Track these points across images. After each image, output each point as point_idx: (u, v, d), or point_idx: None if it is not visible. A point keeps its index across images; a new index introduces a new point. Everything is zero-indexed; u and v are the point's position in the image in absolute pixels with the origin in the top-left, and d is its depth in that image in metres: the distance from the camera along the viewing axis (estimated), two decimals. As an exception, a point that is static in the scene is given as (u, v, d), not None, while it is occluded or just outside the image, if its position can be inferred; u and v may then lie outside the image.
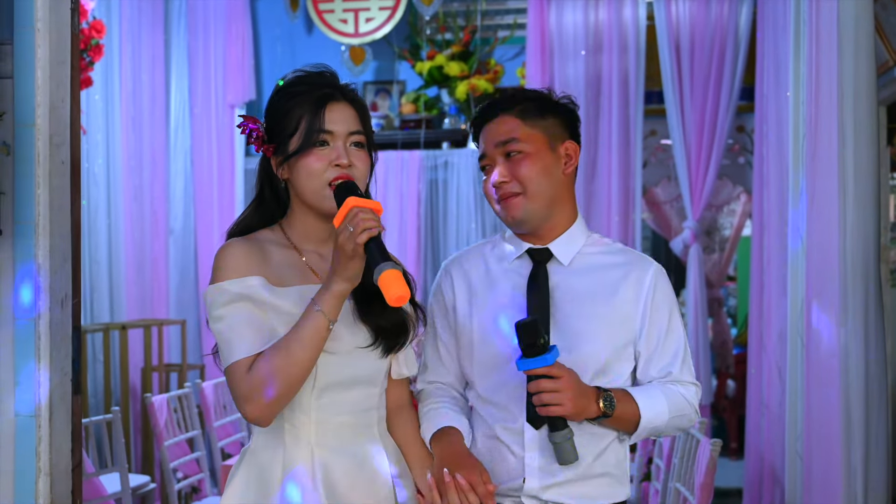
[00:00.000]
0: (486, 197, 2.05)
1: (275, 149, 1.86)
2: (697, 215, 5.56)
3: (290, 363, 1.71)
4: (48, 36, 2.20)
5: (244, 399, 1.73)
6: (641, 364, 2.03)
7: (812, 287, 3.77)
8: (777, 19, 4.49)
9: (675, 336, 2.03)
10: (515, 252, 2.06)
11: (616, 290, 2.01)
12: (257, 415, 1.74)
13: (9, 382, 2.20)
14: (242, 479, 1.86)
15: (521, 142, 1.99)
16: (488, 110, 2.05)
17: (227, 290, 1.76)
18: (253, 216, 1.94)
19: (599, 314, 1.98)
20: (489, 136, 2.02)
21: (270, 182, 1.92)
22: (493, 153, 2.01)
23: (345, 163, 1.81)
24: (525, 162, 1.99)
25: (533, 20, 5.71)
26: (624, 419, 1.94)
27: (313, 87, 1.86)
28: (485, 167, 2.04)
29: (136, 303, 5.73)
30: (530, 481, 1.95)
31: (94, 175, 5.45)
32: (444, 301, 2.10)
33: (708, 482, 3.04)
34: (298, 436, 1.83)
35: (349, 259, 1.69)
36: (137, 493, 4.46)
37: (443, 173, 6.23)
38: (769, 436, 4.55)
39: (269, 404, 1.73)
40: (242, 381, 1.73)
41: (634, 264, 2.04)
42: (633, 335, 2.01)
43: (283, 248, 1.87)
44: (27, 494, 2.20)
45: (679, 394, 2.00)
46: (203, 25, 6.17)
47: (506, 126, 2.01)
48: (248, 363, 1.73)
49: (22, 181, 2.19)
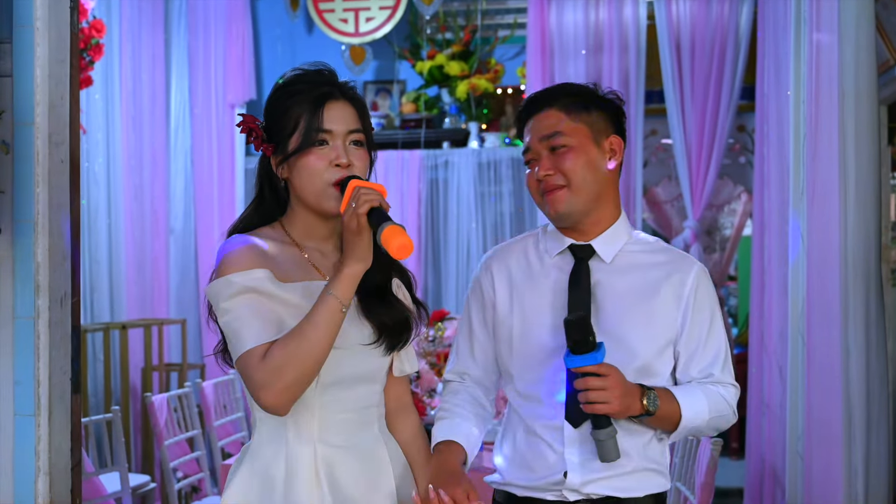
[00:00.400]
0: (530, 190, 2.04)
1: (274, 148, 1.86)
2: (698, 215, 5.55)
3: (305, 349, 1.69)
4: (47, 34, 2.19)
5: (260, 387, 1.70)
6: (682, 364, 2.02)
7: (813, 287, 3.77)
8: (778, 18, 4.48)
9: (716, 337, 2.02)
10: (557, 247, 2.05)
11: (658, 289, 2.00)
12: (274, 402, 1.71)
13: (8, 381, 2.20)
14: (244, 477, 1.85)
15: (565, 135, 1.99)
16: (533, 104, 2.04)
17: (234, 282, 1.75)
18: (253, 215, 1.93)
19: (641, 313, 1.98)
20: (534, 130, 2.02)
21: (270, 181, 1.91)
22: (537, 147, 2.01)
23: (344, 162, 1.81)
24: (569, 155, 1.98)
25: (533, 19, 5.71)
26: (665, 418, 1.94)
27: (312, 85, 1.85)
28: (529, 161, 2.03)
29: (137, 302, 5.72)
30: (572, 476, 1.95)
31: (95, 174, 5.45)
32: (483, 296, 2.10)
33: (709, 482, 3.04)
34: (301, 432, 1.82)
35: (356, 235, 1.69)
36: (137, 493, 4.46)
37: (443, 173, 6.23)
38: (770, 435, 4.55)
39: (286, 391, 1.70)
40: (257, 370, 1.71)
41: (677, 264, 2.03)
42: (674, 335, 2.00)
43: (284, 246, 1.86)
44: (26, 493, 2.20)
45: (719, 394, 2.00)
46: (203, 25, 6.17)
47: (550, 120, 2.00)
48: (262, 351, 1.71)
49: (21, 180, 2.19)
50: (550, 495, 1.99)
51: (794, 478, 3.93)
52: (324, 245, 1.90)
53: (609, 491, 1.96)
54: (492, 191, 6.22)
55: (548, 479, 1.98)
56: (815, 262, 3.76)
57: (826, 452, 3.68)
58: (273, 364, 1.69)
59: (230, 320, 1.75)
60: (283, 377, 1.69)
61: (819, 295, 3.74)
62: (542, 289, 2.03)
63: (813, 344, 3.77)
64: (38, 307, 2.19)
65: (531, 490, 2.00)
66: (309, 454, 1.81)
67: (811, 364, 3.78)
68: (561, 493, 1.97)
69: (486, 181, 6.21)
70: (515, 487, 2.03)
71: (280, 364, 1.69)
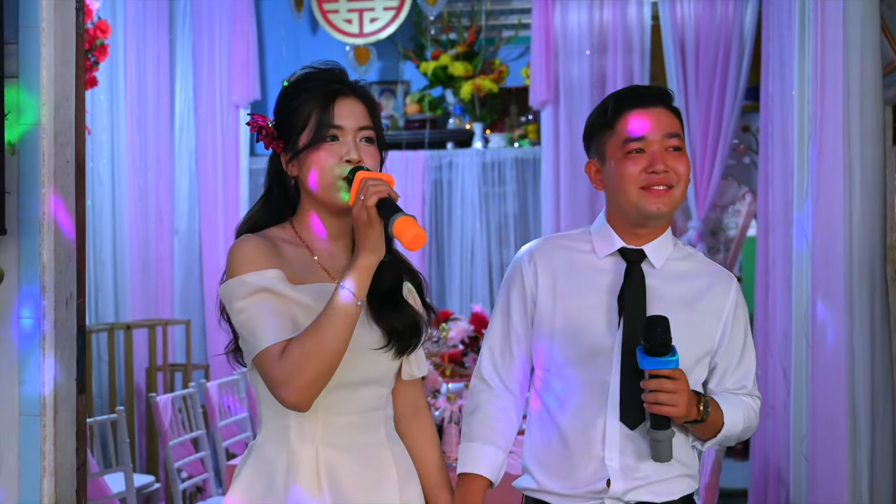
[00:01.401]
0: (626, 179, 1.99)
1: (284, 145, 1.85)
2: (702, 215, 5.55)
3: (323, 345, 1.69)
4: (53, 36, 2.20)
5: (280, 384, 1.71)
6: (717, 376, 2.05)
7: (817, 287, 3.76)
8: (782, 18, 4.48)
9: (750, 352, 2.07)
10: (608, 248, 2.04)
11: (700, 300, 2.03)
12: (294, 399, 1.71)
13: (14, 381, 2.21)
14: (248, 474, 1.86)
15: (681, 139, 2.01)
16: (647, 97, 2.02)
17: (248, 282, 1.75)
18: (262, 214, 1.92)
19: (684, 322, 1.97)
20: (656, 122, 1.99)
21: (280, 179, 1.90)
22: (655, 140, 1.99)
23: (355, 157, 1.81)
24: (683, 160, 2.00)
25: (537, 20, 5.71)
26: (711, 425, 1.97)
27: (322, 82, 1.85)
28: (633, 150, 1.99)
29: (141, 303, 5.73)
30: (615, 484, 1.95)
31: (100, 175, 5.46)
32: (525, 288, 2.07)
33: (713, 482, 3.04)
34: (303, 433, 1.82)
35: (367, 227, 1.68)
36: (142, 493, 4.47)
37: (447, 173, 6.24)
38: (774, 436, 4.54)
39: (307, 387, 1.70)
40: (275, 367, 1.71)
41: (718, 277, 2.07)
42: (712, 347, 2.03)
43: (294, 247, 1.86)
44: (32, 493, 2.21)
45: (751, 406, 2.05)
46: (208, 26, 6.18)
47: (669, 119, 2.01)
48: (280, 349, 1.71)
49: (27, 180, 2.19)
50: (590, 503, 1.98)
51: (798, 478, 3.93)
52: (334, 246, 1.89)
53: (649, 496, 1.97)
54: (496, 191, 6.22)
55: (588, 488, 1.97)
56: (819, 262, 3.75)
57: (830, 453, 3.68)
58: (292, 361, 1.69)
59: (245, 319, 1.75)
60: (303, 373, 1.69)
61: (823, 295, 3.73)
62: (593, 288, 2.02)
63: (817, 344, 3.76)
64: (43, 307, 2.19)
65: (570, 499, 1.99)
66: (310, 455, 1.81)
67: (815, 365, 3.78)
68: (602, 501, 1.97)
69: (491, 182, 6.22)
70: (551, 496, 2.01)
71: (299, 360, 1.69)
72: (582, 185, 5.56)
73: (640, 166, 1.97)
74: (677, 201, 2.00)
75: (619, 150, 2.00)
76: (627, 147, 1.99)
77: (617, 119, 2.01)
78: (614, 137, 2.01)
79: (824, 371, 3.73)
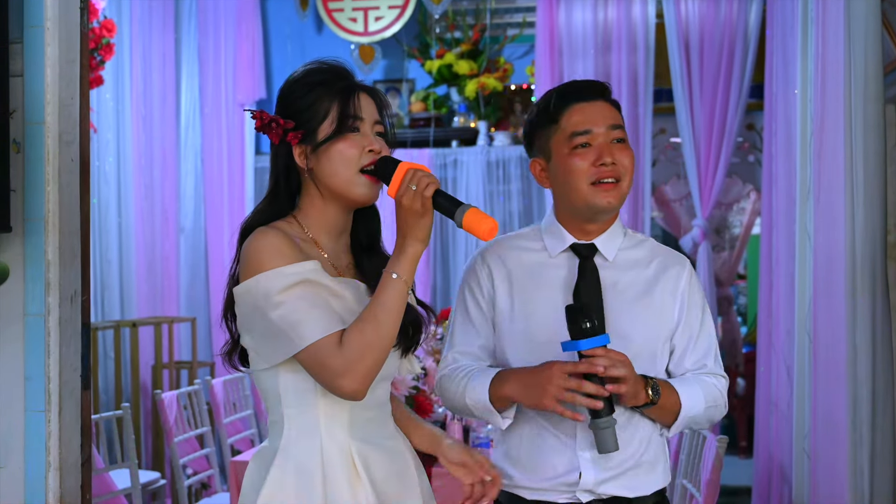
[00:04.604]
0: (576, 175, 1.97)
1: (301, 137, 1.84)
2: (707, 213, 5.55)
3: (382, 334, 1.71)
4: (57, 34, 2.21)
5: (341, 374, 1.71)
6: (676, 357, 2.05)
7: (820, 285, 3.77)
8: (786, 17, 4.48)
9: (707, 330, 2.07)
10: (560, 245, 2.04)
11: (656, 285, 2.03)
12: (356, 388, 1.72)
13: (19, 377, 2.22)
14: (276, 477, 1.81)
15: (623, 131, 2.01)
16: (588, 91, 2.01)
17: (288, 273, 1.73)
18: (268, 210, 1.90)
19: (643, 309, 2.00)
20: (598, 116, 1.98)
21: (287, 174, 1.89)
22: (600, 132, 1.98)
23: (377, 148, 1.82)
24: (628, 152, 1.99)
25: (542, 18, 5.71)
26: (667, 408, 1.96)
27: (338, 76, 1.86)
28: (580, 145, 1.98)
29: (147, 300, 5.75)
30: (586, 475, 1.95)
31: (105, 174, 5.49)
32: (482, 290, 2.07)
33: (714, 479, 3.05)
34: (333, 429, 1.81)
35: (420, 217, 1.70)
36: (147, 490, 4.49)
37: (452, 171, 6.24)
38: (778, 434, 4.55)
39: (368, 375, 1.72)
40: (336, 357, 1.70)
41: (670, 259, 2.07)
42: (671, 329, 2.03)
43: (305, 243, 1.85)
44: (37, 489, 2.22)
45: (712, 384, 2.03)
46: (213, 24, 6.20)
47: (612, 112, 2.01)
48: (336, 339, 1.71)
49: (32, 178, 2.21)
50: (563, 497, 1.99)
51: (801, 476, 3.94)
52: (336, 243, 1.89)
53: (620, 491, 1.97)
54: (500, 189, 6.22)
55: (561, 480, 1.97)
56: (821, 260, 3.76)
57: (832, 451, 3.68)
58: (353, 350, 1.70)
59: (286, 313, 1.72)
60: (364, 362, 1.70)
61: (826, 294, 3.74)
62: (548, 286, 2.02)
63: (819, 343, 3.77)
64: (48, 304, 2.21)
65: (542, 492, 2.00)
66: (345, 450, 1.81)
67: (818, 363, 3.78)
68: (574, 494, 1.97)
69: (495, 180, 6.22)
70: (524, 490, 2.02)
71: (360, 350, 1.70)
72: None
73: (588, 160, 1.96)
74: (625, 194, 1.99)
75: (564, 146, 1.99)
76: (574, 141, 1.98)
77: (560, 114, 2.00)
78: (559, 133, 2.00)
79: (826, 369, 3.73)
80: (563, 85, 2.07)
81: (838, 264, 3.65)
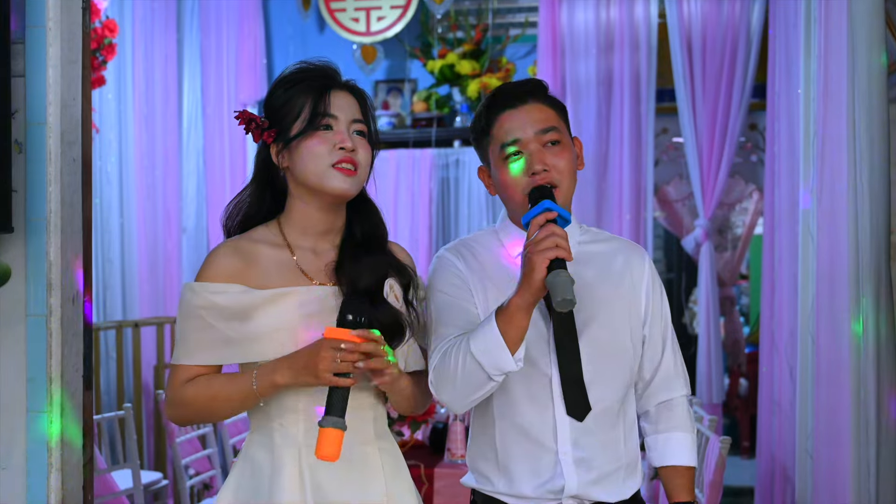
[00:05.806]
0: (510, 187, 1.92)
1: (276, 135, 1.86)
2: (709, 213, 5.54)
3: (212, 410, 1.85)
4: (59, 35, 2.21)
5: (169, 403, 1.87)
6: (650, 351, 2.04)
7: (823, 285, 3.76)
8: (788, 16, 4.47)
9: (666, 319, 2.06)
10: (518, 247, 1.96)
11: (622, 277, 2.01)
12: (174, 420, 1.91)
13: (21, 378, 2.22)
14: (236, 476, 1.88)
15: (559, 132, 1.93)
16: (515, 95, 1.95)
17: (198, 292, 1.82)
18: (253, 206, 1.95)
19: (614, 298, 1.97)
20: (526, 121, 1.92)
21: (266, 170, 1.91)
22: (529, 139, 1.91)
23: (349, 146, 1.82)
24: (564, 154, 1.92)
25: (544, 18, 5.71)
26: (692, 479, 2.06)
27: (315, 76, 1.87)
28: (513, 155, 1.92)
29: (149, 301, 5.76)
30: (570, 479, 1.91)
31: (107, 174, 5.49)
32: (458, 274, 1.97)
33: (717, 480, 3.04)
34: (287, 436, 1.82)
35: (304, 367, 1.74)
36: (150, 490, 4.49)
37: (454, 171, 6.24)
38: (781, 435, 4.54)
39: (187, 420, 1.91)
40: (175, 388, 1.85)
41: (631, 250, 2.05)
42: (642, 319, 2.01)
43: (274, 248, 1.87)
44: (39, 489, 2.22)
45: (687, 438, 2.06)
46: (215, 25, 6.20)
47: (543, 114, 1.94)
48: (187, 376, 1.83)
49: (34, 178, 2.21)
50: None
51: (804, 476, 3.93)
52: (320, 243, 1.89)
53: (605, 496, 1.94)
54: (502, 189, 6.21)
55: (546, 487, 1.92)
56: (824, 261, 3.75)
57: (835, 451, 3.68)
58: (185, 397, 1.83)
59: (183, 326, 1.84)
60: (186, 411, 1.86)
61: (829, 294, 3.73)
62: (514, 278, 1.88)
63: (822, 343, 3.76)
64: (50, 305, 2.21)
65: (526, 499, 1.94)
66: (293, 458, 1.81)
67: (821, 363, 3.77)
68: (560, 501, 1.93)
69: (497, 180, 6.21)
70: (507, 496, 1.96)
71: (189, 402, 1.83)
72: (587, 183, 5.56)
73: (528, 170, 1.90)
74: (567, 198, 1.93)
75: (498, 157, 1.95)
76: (504, 153, 1.93)
77: (491, 125, 1.96)
78: (492, 144, 1.97)
79: (829, 369, 3.73)
80: (493, 91, 2.02)
81: (841, 264, 3.64)
